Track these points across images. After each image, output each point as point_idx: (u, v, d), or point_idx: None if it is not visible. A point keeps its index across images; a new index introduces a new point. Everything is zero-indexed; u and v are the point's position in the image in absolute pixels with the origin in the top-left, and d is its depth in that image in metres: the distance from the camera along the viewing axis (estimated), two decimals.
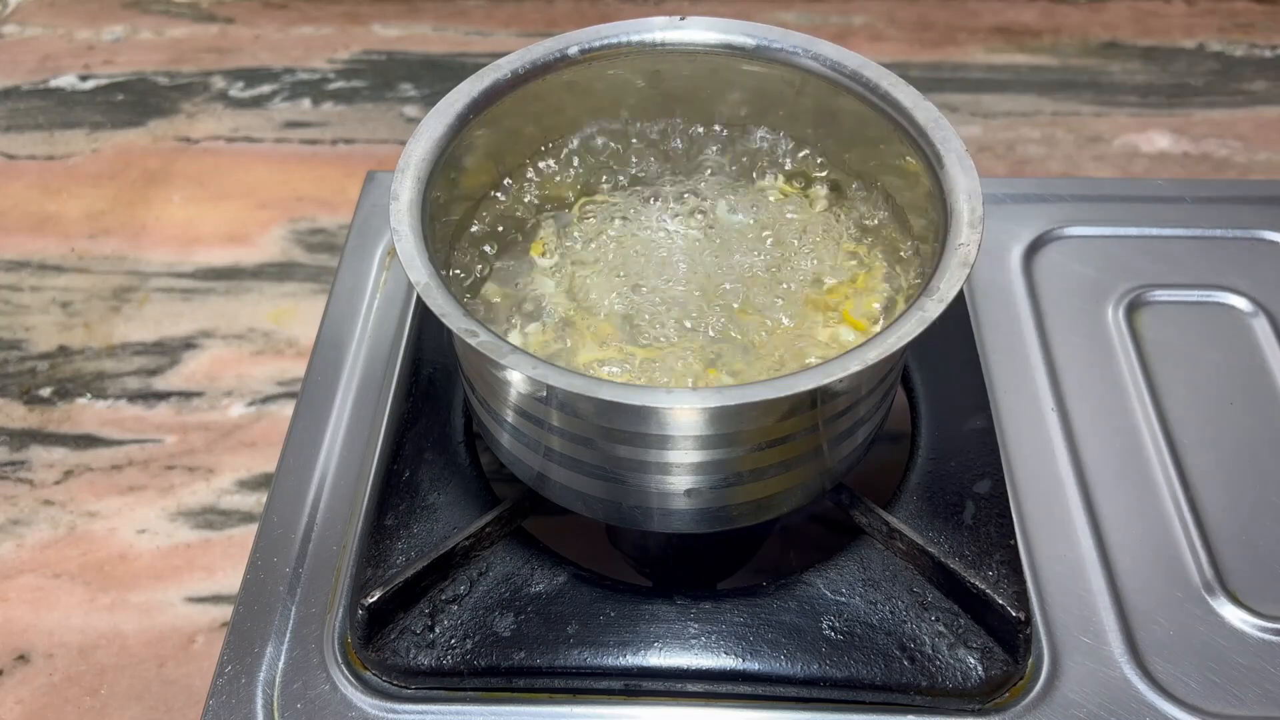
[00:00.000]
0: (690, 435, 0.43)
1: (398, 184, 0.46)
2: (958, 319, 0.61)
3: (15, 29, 1.02)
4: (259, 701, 0.48)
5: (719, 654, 0.47)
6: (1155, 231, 0.68)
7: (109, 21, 1.03)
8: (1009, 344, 0.62)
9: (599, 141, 0.56)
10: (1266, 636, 0.50)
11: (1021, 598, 0.48)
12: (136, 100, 0.94)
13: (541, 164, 0.55)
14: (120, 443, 0.67)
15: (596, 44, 0.53)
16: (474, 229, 0.53)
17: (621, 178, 0.56)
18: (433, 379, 0.58)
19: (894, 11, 1.02)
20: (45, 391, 0.70)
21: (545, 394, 0.43)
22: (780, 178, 0.55)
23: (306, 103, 0.93)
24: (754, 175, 0.55)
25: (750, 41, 0.52)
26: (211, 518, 0.63)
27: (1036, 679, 0.48)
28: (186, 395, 0.70)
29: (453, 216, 0.52)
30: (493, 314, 0.51)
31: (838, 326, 0.49)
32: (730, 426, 0.43)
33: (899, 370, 0.51)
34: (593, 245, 0.52)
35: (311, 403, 0.60)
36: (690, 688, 0.48)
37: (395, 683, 0.48)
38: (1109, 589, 0.52)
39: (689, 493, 0.45)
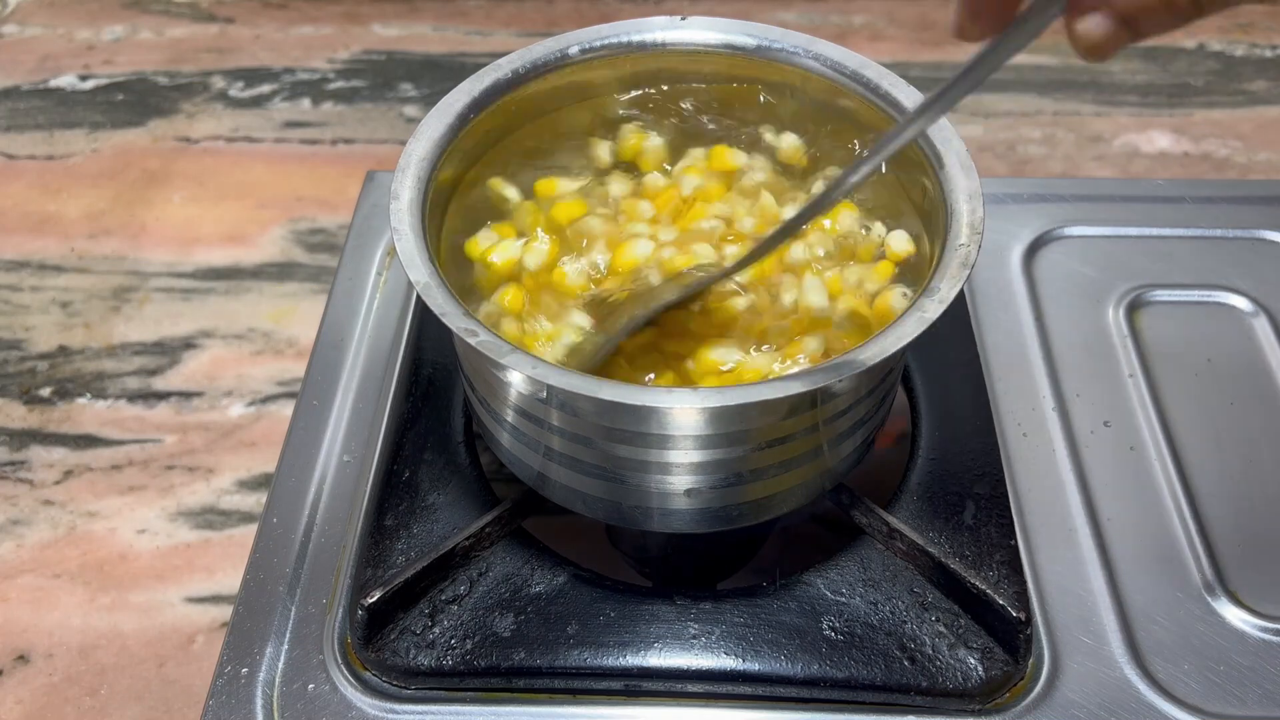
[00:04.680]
0: (690, 435, 0.43)
1: (398, 183, 0.46)
2: (958, 319, 0.61)
3: (15, 29, 1.02)
4: (259, 701, 0.48)
5: (719, 654, 0.47)
6: (1155, 231, 0.68)
7: (109, 21, 1.03)
8: (1009, 344, 0.62)
9: (597, 140, 0.56)
10: (1266, 636, 0.50)
11: (1021, 598, 0.48)
12: (136, 100, 0.94)
13: (539, 162, 0.55)
14: (120, 443, 0.67)
15: (596, 44, 0.53)
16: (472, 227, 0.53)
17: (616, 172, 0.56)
18: (433, 379, 0.58)
19: (894, 11, 1.02)
20: (45, 391, 0.70)
21: (545, 394, 0.43)
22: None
23: (306, 103, 0.93)
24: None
25: (750, 41, 0.53)
26: (211, 518, 0.63)
27: (1037, 679, 0.48)
28: (186, 395, 0.70)
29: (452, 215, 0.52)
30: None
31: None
32: (730, 426, 0.43)
33: (899, 370, 0.51)
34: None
35: (311, 403, 0.60)
36: (690, 688, 0.48)
37: (395, 683, 0.48)
38: (1109, 589, 0.52)
39: (689, 493, 0.45)
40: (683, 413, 0.41)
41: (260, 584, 0.52)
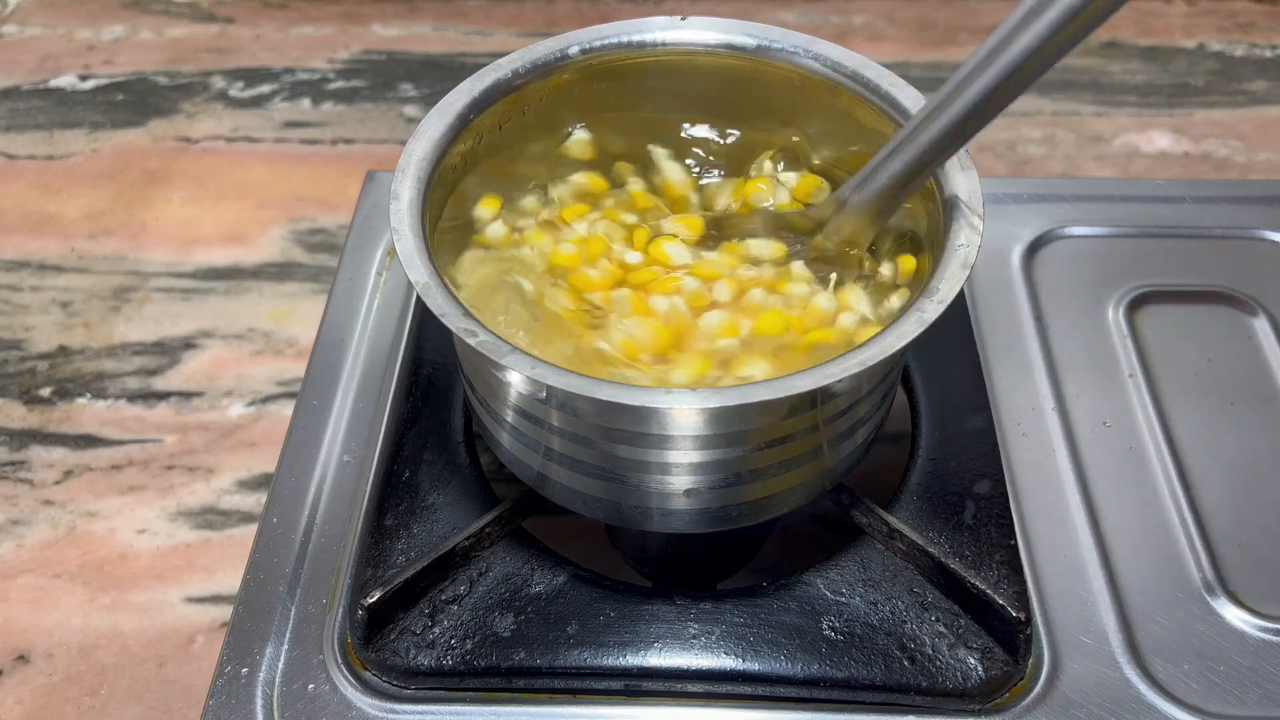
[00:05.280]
0: (690, 435, 0.43)
1: (398, 184, 0.46)
2: (958, 319, 0.61)
3: (15, 29, 1.02)
4: (259, 701, 0.48)
5: (719, 654, 0.47)
6: (1155, 231, 0.68)
7: (109, 21, 1.03)
8: (1009, 344, 0.62)
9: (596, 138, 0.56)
10: (1266, 636, 0.50)
11: (1021, 598, 0.48)
12: (136, 100, 0.94)
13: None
14: (120, 443, 0.67)
15: (597, 44, 0.52)
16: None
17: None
18: (433, 379, 0.58)
19: (894, 11, 1.02)
20: (45, 391, 0.70)
21: (545, 394, 0.43)
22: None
23: (306, 103, 0.93)
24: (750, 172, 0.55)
25: (750, 41, 0.52)
26: (211, 518, 0.63)
27: (1037, 679, 0.48)
28: (186, 395, 0.70)
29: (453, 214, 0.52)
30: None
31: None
32: (730, 427, 0.43)
33: (899, 370, 0.51)
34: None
35: (311, 403, 0.60)
36: (690, 688, 0.48)
37: (395, 683, 0.48)
38: (1109, 589, 0.52)
39: (688, 493, 0.45)
40: (682, 413, 0.41)
41: (260, 584, 0.52)
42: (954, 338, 0.59)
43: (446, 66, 0.97)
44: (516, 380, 0.44)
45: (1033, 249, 0.67)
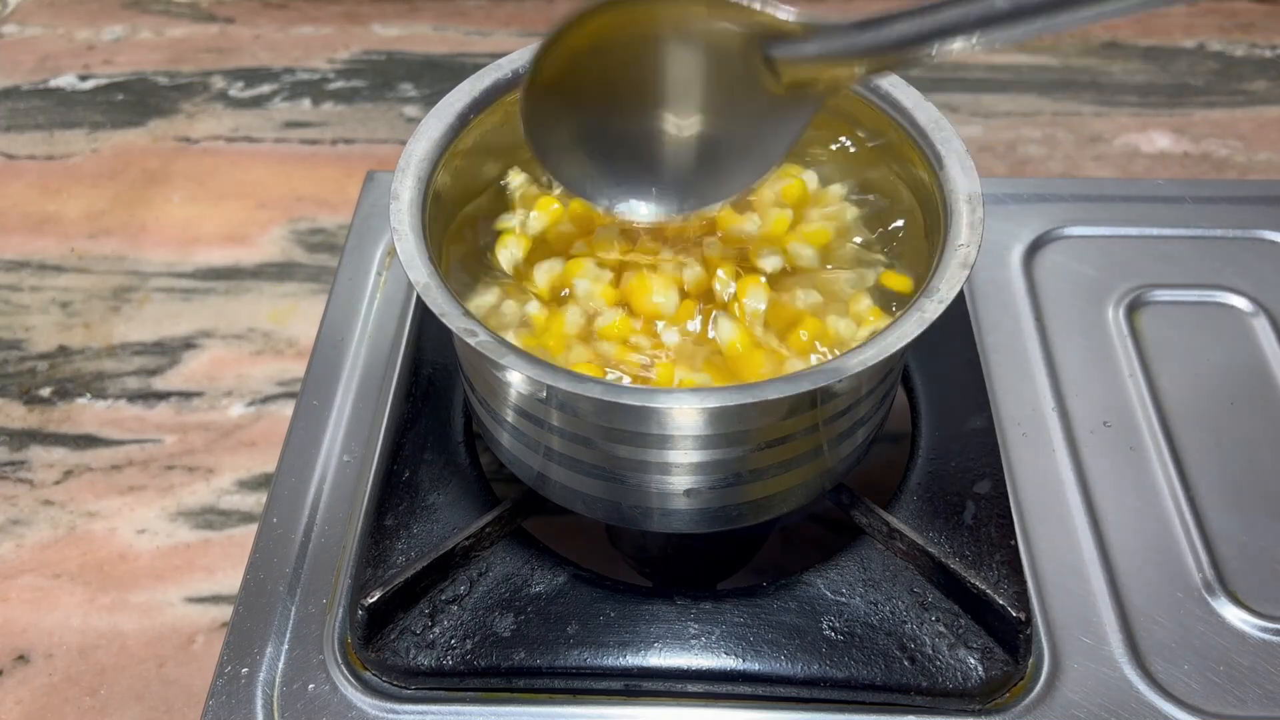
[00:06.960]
0: (690, 435, 0.43)
1: (398, 183, 0.46)
2: (958, 319, 0.61)
3: (15, 29, 1.02)
4: (259, 701, 0.48)
5: (719, 654, 0.47)
6: (1155, 231, 0.68)
7: (109, 21, 1.03)
8: (1009, 344, 0.62)
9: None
10: (1266, 636, 0.50)
11: (1021, 598, 0.48)
12: (136, 100, 0.94)
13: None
14: (120, 443, 0.67)
15: None
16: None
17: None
18: (433, 379, 0.58)
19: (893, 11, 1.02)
20: (45, 391, 0.70)
21: (545, 394, 0.43)
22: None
23: (306, 103, 0.93)
24: None
25: None
26: (211, 518, 0.63)
27: (1037, 679, 0.48)
28: (186, 395, 0.70)
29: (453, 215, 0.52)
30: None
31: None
32: (730, 426, 0.43)
33: (899, 370, 0.51)
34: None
35: (311, 403, 0.60)
36: (690, 688, 0.48)
37: (395, 683, 0.48)
38: (1109, 589, 0.52)
39: (688, 493, 0.45)
40: (683, 413, 0.41)
41: (260, 584, 0.52)
42: (954, 338, 0.60)
43: (446, 66, 0.97)
44: (516, 380, 0.44)
45: (1033, 249, 0.68)
